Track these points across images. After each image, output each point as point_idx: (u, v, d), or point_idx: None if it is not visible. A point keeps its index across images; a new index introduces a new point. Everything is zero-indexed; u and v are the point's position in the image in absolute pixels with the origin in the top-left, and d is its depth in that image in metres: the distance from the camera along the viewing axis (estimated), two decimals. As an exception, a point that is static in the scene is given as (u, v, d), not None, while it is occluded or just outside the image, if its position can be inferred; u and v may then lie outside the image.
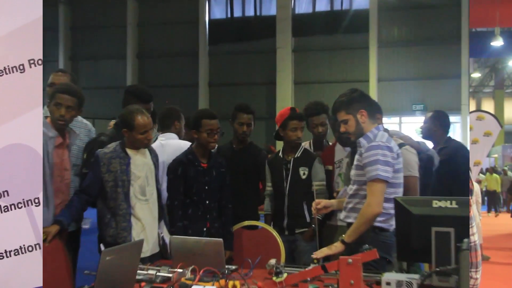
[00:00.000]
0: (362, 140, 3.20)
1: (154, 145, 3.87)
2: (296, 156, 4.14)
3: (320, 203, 3.38)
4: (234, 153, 4.35)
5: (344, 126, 3.24)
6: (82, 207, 3.44)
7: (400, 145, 3.42)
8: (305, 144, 4.58)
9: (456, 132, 17.35)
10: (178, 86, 20.04)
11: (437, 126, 4.62)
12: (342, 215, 3.32)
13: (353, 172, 3.25)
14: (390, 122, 17.76)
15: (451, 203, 2.58)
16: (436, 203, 2.60)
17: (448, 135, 4.69)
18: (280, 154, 4.18)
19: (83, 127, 4.07)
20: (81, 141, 3.96)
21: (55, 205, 3.41)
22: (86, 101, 3.61)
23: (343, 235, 3.10)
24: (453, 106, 17.08)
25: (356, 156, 3.23)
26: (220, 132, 3.79)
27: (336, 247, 3.06)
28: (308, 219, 4.04)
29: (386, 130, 3.36)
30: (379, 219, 3.07)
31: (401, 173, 3.18)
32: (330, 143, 4.51)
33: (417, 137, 4.62)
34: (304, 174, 4.11)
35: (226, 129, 4.00)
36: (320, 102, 4.48)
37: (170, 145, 4.17)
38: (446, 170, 4.28)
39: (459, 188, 4.31)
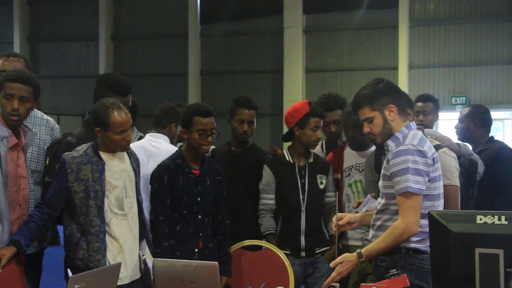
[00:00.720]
0: (390, 143, 3.21)
1: (141, 146, 3.88)
2: (309, 161, 4.17)
3: (342, 217, 3.38)
4: (232, 157, 4.37)
5: (368, 126, 3.24)
6: (45, 224, 3.45)
7: (436, 148, 3.43)
8: (317, 145, 4.62)
9: (508, 130, 17.31)
10: (162, 74, 20.03)
11: (476, 125, 4.63)
12: (370, 234, 3.34)
13: (381, 183, 3.27)
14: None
15: (499, 219, 2.58)
16: (480, 219, 2.60)
17: (490, 135, 4.71)
18: (289, 158, 4.19)
19: (43, 124, 4.07)
20: (42, 141, 3.98)
21: (11, 221, 3.42)
22: (50, 94, 3.65)
23: (361, 249, 3.13)
24: (503, 98, 17.06)
25: (384, 163, 3.24)
26: (216, 133, 3.82)
27: (350, 261, 3.09)
28: (327, 237, 4.12)
29: (419, 129, 3.38)
30: (413, 239, 3.11)
31: (440, 182, 3.20)
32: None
33: (457, 138, 4.64)
34: (321, 183, 4.18)
35: (223, 128, 4.03)
36: (334, 95, 4.50)
37: (165, 151, 4.09)
38: (486, 177, 4.29)
39: (503, 200, 4.32)
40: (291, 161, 4.18)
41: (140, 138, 4.46)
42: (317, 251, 4.13)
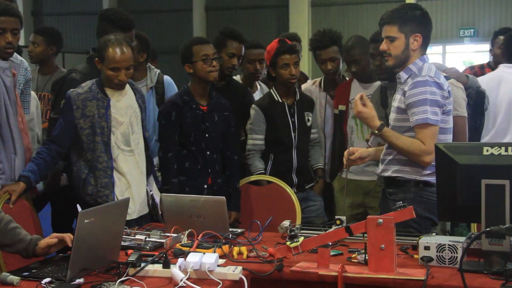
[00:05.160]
0: (402, 75, 3.19)
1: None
2: (296, 99, 4.17)
3: (354, 152, 3.36)
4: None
5: (387, 44, 3.21)
6: (53, 160, 3.46)
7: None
8: (315, 83, 4.64)
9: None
10: (166, 11, 19.78)
11: None
12: (379, 168, 3.35)
13: (392, 116, 3.26)
14: (431, 53, 17.52)
15: (506, 150, 2.59)
16: (487, 150, 2.61)
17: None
18: (277, 98, 4.16)
19: (18, 65, 4.12)
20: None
21: (24, 149, 3.49)
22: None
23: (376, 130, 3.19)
24: (512, 30, 16.80)
25: (397, 96, 3.23)
26: (219, 57, 3.80)
27: (372, 119, 3.20)
28: (312, 172, 4.27)
29: None
30: (425, 172, 3.14)
31: (451, 116, 3.23)
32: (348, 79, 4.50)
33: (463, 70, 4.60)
34: (308, 120, 4.23)
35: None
36: (328, 31, 4.43)
37: None
38: None
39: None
40: (280, 100, 4.16)
41: (159, 75, 4.43)
42: (306, 187, 4.19)
